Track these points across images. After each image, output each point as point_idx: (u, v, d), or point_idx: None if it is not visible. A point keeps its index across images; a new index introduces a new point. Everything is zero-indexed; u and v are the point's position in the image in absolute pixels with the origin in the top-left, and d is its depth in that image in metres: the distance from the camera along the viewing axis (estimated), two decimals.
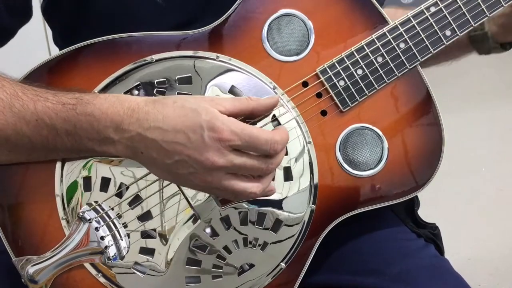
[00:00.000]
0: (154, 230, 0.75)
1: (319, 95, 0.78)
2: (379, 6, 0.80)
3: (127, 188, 0.74)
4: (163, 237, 0.75)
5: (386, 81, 0.79)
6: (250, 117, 0.70)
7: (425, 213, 0.95)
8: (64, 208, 0.74)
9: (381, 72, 0.79)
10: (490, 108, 2.62)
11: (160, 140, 0.65)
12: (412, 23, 0.79)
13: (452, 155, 0.95)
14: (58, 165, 0.74)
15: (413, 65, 0.79)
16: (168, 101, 0.67)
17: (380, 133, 0.79)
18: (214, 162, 0.64)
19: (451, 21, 0.79)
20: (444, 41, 0.80)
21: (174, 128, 0.65)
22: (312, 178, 0.77)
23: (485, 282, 1.79)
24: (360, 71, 0.78)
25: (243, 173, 0.66)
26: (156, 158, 0.66)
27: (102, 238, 0.73)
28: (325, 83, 0.78)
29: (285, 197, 0.76)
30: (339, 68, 0.78)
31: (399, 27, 0.79)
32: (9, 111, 0.69)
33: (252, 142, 0.65)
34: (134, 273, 0.75)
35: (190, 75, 0.76)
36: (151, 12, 0.83)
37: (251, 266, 0.77)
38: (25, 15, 0.84)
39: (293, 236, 0.77)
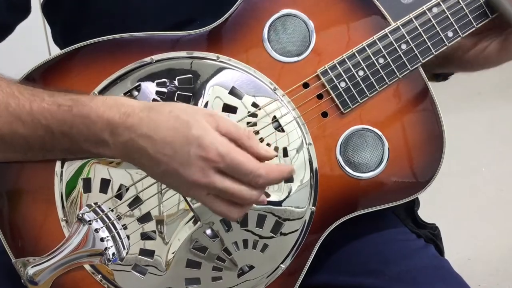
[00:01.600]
0: (154, 231, 0.75)
1: (320, 96, 0.78)
2: (381, 7, 0.79)
3: (127, 189, 0.74)
4: (163, 239, 0.75)
5: (387, 82, 0.79)
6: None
7: (425, 213, 0.95)
8: (63, 209, 0.74)
9: (382, 73, 0.78)
10: (490, 108, 2.61)
11: (149, 149, 0.64)
12: (414, 24, 0.78)
13: (452, 155, 0.94)
14: (58, 166, 0.74)
15: (415, 67, 0.79)
16: (164, 109, 0.65)
17: (381, 134, 0.79)
18: (195, 180, 0.63)
19: (453, 22, 0.79)
20: (446, 42, 0.80)
21: (164, 139, 0.64)
22: (312, 180, 0.77)
23: (485, 282, 1.79)
24: (361, 72, 0.78)
25: (224, 197, 0.65)
26: (147, 165, 0.66)
27: (102, 239, 0.73)
28: (326, 84, 0.78)
29: (285, 199, 0.76)
30: (340, 69, 0.78)
31: (401, 28, 0.78)
32: (4, 110, 0.69)
33: (235, 168, 0.63)
34: (134, 274, 0.75)
35: (190, 75, 0.75)
36: (151, 11, 0.83)
37: (251, 267, 0.77)
38: (24, 11, 0.83)
39: (293, 237, 0.77)
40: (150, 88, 0.75)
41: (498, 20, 0.80)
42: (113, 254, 0.73)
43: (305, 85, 0.78)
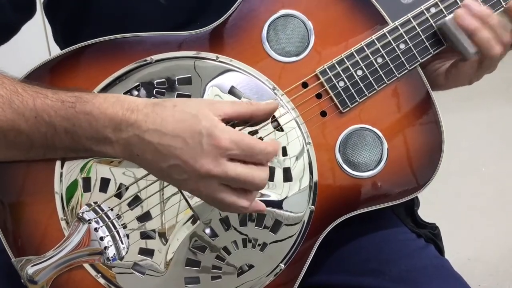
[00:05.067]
0: (154, 230, 0.75)
1: (319, 96, 0.78)
2: (379, 7, 0.79)
3: (127, 188, 0.74)
4: (163, 238, 0.75)
5: (386, 82, 0.79)
6: (249, 121, 0.70)
7: (425, 213, 0.95)
8: (63, 209, 0.74)
9: (381, 73, 0.79)
10: (490, 108, 2.62)
11: (156, 143, 0.65)
12: (412, 24, 0.79)
13: (452, 155, 0.95)
14: (58, 165, 0.74)
15: (413, 66, 0.79)
16: (168, 104, 0.66)
17: (380, 134, 0.79)
18: (209, 170, 0.63)
19: None
20: (444, 42, 0.80)
21: (172, 132, 0.64)
22: (311, 179, 0.77)
23: (485, 282, 1.79)
24: (360, 72, 0.78)
25: (236, 185, 0.66)
26: (152, 161, 0.66)
27: (102, 238, 0.73)
28: (325, 84, 0.78)
29: (285, 198, 0.76)
30: (339, 69, 0.78)
31: (399, 28, 0.79)
32: (8, 107, 0.69)
33: (249, 151, 0.65)
34: (133, 273, 0.75)
35: (189, 75, 0.76)
36: (152, 12, 0.83)
37: (251, 266, 0.77)
38: (29, 11, 0.84)
39: (292, 236, 0.77)
40: (149, 88, 0.75)
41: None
42: (113, 253, 0.74)
43: (304, 85, 0.78)
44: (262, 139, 0.75)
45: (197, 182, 0.65)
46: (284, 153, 0.76)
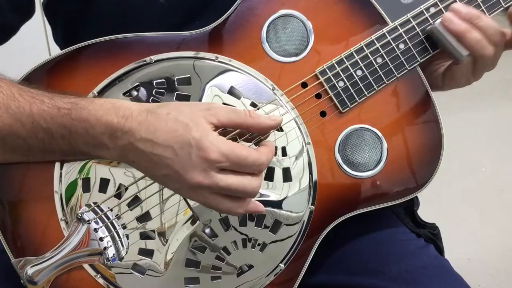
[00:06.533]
0: (153, 231, 0.75)
1: (318, 96, 0.78)
2: (379, 7, 0.79)
3: (126, 189, 0.74)
4: (162, 238, 0.75)
5: (386, 82, 0.79)
6: (245, 132, 0.69)
7: (425, 213, 0.95)
8: (63, 209, 0.74)
9: (380, 73, 0.79)
10: (490, 108, 2.62)
11: (149, 153, 0.65)
12: (412, 24, 0.79)
13: (452, 155, 0.95)
14: (57, 165, 0.74)
15: (413, 66, 0.79)
16: (162, 111, 0.66)
17: (380, 134, 0.79)
18: (199, 182, 0.63)
19: None
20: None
21: (164, 142, 0.64)
22: (311, 179, 0.77)
23: (485, 282, 1.79)
24: (359, 72, 0.78)
25: (228, 194, 0.65)
26: (147, 168, 0.66)
27: (101, 239, 0.73)
28: (325, 84, 0.78)
29: (284, 198, 0.76)
30: (338, 69, 0.78)
31: (399, 28, 0.79)
32: (5, 112, 0.69)
33: (240, 163, 0.64)
34: (133, 274, 0.75)
35: (189, 75, 0.76)
36: (152, 12, 0.83)
37: (250, 267, 0.77)
38: (28, 12, 0.84)
39: (292, 236, 0.77)
40: (149, 88, 0.75)
41: None
42: (112, 253, 0.74)
43: (304, 85, 0.78)
44: (261, 140, 0.75)
45: (189, 191, 0.65)
46: (284, 153, 0.76)
